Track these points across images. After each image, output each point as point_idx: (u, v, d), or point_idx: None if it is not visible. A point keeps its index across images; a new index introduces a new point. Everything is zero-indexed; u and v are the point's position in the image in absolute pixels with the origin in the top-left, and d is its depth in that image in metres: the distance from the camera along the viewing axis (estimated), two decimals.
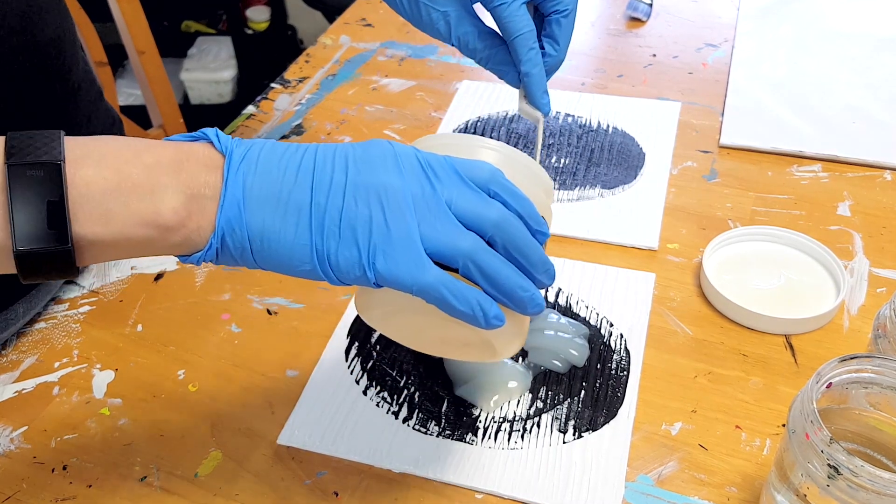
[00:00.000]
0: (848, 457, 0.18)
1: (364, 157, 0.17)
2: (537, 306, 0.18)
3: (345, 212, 0.16)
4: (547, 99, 0.25)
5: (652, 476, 0.24)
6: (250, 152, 0.17)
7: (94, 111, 0.31)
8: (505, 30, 0.24)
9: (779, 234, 0.31)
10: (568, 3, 0.25)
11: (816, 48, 0.42)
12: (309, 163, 0.17)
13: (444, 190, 0.17)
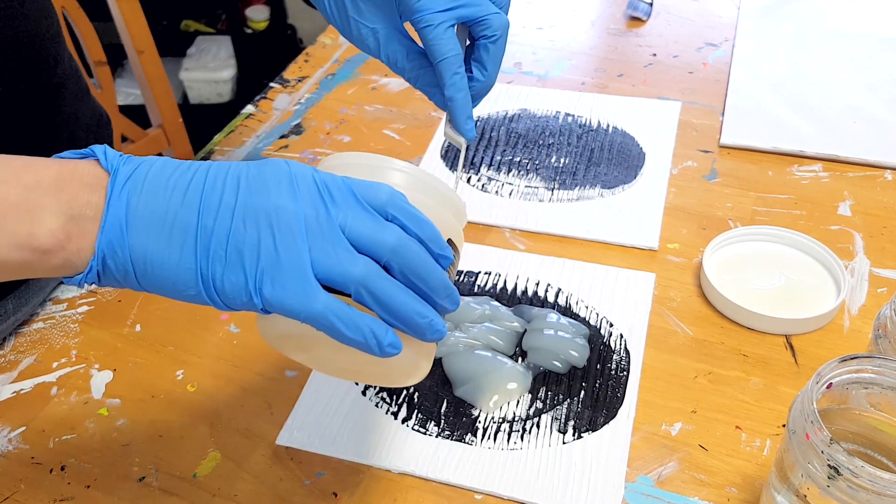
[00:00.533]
0: (848, 457, 0.18)
1: (257, 178, 0.16)
2: (437, 332, 0.17)
3: (232, 235, 0.16)
4: (471, 125, 0.24)
5: (652, 476, 0.24)
6: (138, 171, 0.17)
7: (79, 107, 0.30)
8: (431, 52, 0.23)
9: (779, 234, 0.31)
10: (497, 28, 0.24)
11: (817, 48, 0.42)
12: (199, 183, 0.16)
13: (339, 213, 0.16)
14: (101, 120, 0.33)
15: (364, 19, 0.24)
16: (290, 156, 0.38)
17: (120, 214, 0.16)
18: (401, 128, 0.40)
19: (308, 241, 0.16)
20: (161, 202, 0.16)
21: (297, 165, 0.17)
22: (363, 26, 0.25)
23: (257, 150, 0.39)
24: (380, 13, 0.24)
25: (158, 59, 0.56)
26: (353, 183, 0.17)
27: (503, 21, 0.24)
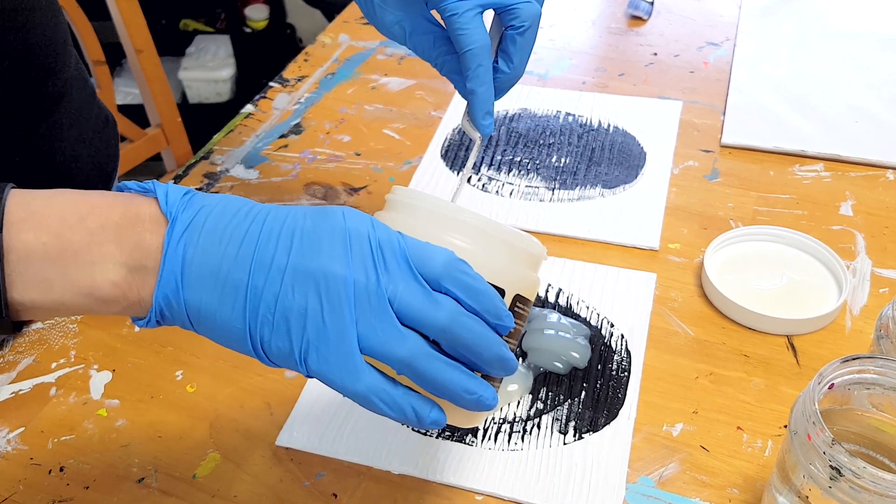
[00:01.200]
0: (850, 458, 0.18)
1: (312, 234, 0.16)
2: (486, 408, 0.17)
3: (281, 300, 0.16)
4: (489, 121, 0.23)
5: (653, 477, 0.24)
6: (196, 219, 0.17)
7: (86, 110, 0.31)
8: (456, 42, 0.23)
9: (781, 234, 0.31)
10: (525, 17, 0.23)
11: (818, 47, 0.42)
12: (254, 235, 0.16)
13: (390, 283, 0.16)
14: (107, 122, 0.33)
15: (390, 7, 0.24)
16: (290, 155, 0.38)
17: (176, 268, 0.16)
18: (401, 127, 0.40)
19: (356, 314, 0.16)
20: (215, 255, 0.16)
21: (354, 219, 0.16)
22: (389, 14, 0.24)
23: (257, 149, 0.39)
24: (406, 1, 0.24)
25: (157, 58, 0.56)
26: (410, 247, 0.16)
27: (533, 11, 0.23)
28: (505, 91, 0.24)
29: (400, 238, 0.17)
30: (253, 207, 0.17)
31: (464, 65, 0.23)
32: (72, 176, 0.29)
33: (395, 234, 0.17)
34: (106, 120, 0.33)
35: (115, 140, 0.34)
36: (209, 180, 0.37)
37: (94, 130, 0.31)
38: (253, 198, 0.39)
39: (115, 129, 0.34)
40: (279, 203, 0.35)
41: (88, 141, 0.30)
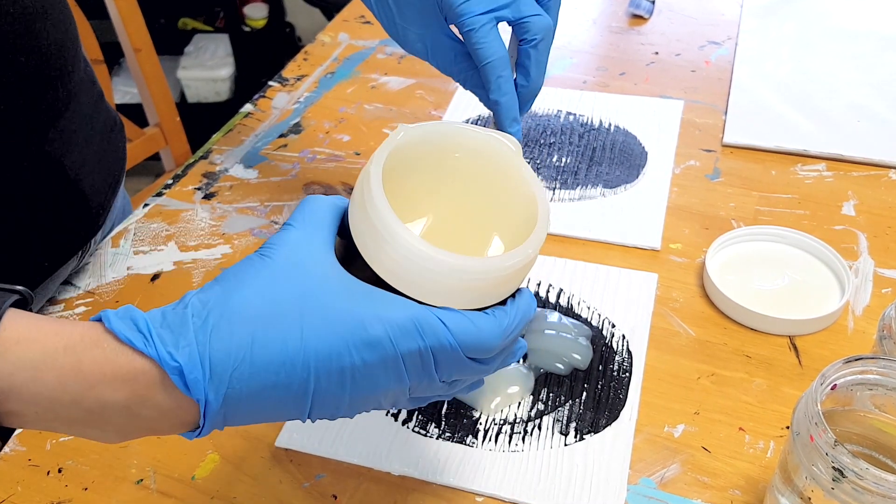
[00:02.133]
0: (853, 459, 0.18)
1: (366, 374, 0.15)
2: None
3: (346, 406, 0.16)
4: (517, 128, 0.23)
5: (654, 479, 0.24)
6: (231, 393, 0.15)
7: (94, 113, 0.30)
8: (476, 56, 0.23)
9: (783, 234, 0.31)
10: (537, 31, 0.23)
11: (821, 46, 0.42)
12: (303, 391, 0.15)
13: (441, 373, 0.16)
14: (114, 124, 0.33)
15: (411, 25, 0.24)
16: (289, 155, 0.38)
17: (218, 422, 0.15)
18: None
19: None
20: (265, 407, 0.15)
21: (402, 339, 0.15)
22: (410, 32, 0.24)
23: (256, 149, 0.39)
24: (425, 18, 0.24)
25: (156, 57, 0.56)
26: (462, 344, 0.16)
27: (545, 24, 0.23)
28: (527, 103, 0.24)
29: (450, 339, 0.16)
30: (286, 350, 0.15)
31: (485, 77, 0.23)
32: (79, 181, 0.29)
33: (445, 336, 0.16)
34: (114, 123, 0.33)
35: (123, 144, 0.33)
36: (208, 180, 0.37)
37: (101, 134, 0.31)
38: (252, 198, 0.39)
39: (123, 132, 0.34)
40: (278, 203, 0.35)
41: (97, 145, 0.30)
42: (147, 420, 0.15)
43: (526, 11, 0.23)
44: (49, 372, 0.15)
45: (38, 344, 0.15)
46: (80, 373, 0.15)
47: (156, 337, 0.15)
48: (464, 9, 0.22)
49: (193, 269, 0.32)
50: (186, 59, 0.96)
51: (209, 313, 0.15)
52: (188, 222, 0.34)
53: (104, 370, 0.15)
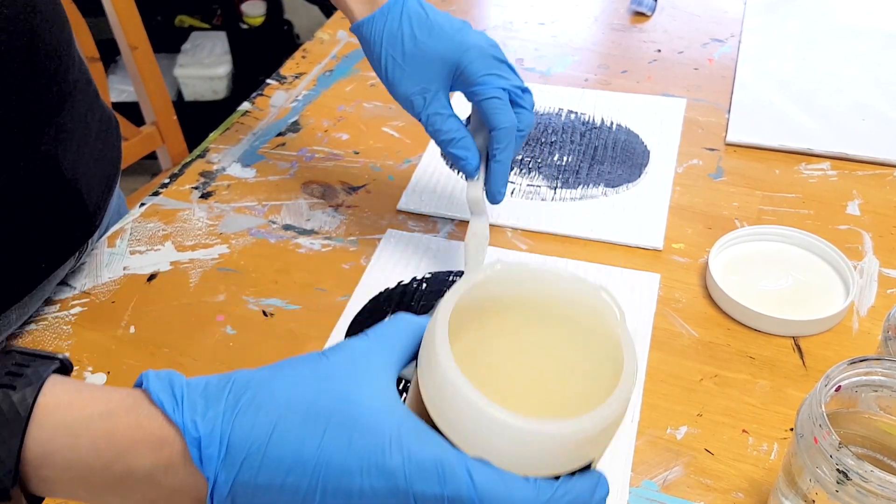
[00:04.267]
0: (857, 462, 0.18)
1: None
2: None
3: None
4: (504, 191, 0.26)
5: (657, 481, 0.23)
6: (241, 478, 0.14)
7: (89, 112, 0.30)
8: (491, 119, 0.25)
9: (786, 234, 0.31)
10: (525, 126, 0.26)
11: (825, 44, 0.42)
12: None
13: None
14: (110, 123, 0.32)
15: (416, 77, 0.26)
16: (287, 154, 0.38)
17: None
18: (400, 125, 0.39)
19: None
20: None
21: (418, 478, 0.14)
22: (414, 83, 0.26)
23: (253, 147, 0.38)
24: (433, 75, 0.26)
25: (152, 55, 0.56)
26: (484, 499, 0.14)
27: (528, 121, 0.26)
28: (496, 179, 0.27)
29: (473, 495, 0.14)
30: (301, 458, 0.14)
31: (495, 139, 0.25)
32: (76, 181, 0.29)
33: (468, 490, 0.14)
34: (109, 121, 0.32)
35: (118, 142, 0.33)
36: (205, 179, 0.36)
37: (97, 133, 0.31)
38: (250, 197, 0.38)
39: (118, 130, 0.33)
40: (276, 202, 0.35)
41: (92, 144, 0.30)
42: (168, 491, 0.15)
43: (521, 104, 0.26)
44: (85, 437, 0.15)
45: (77, 409, 0.15)
46: (114, 437, 0.15)
47: (187, 403, 0.15)
48: (487, 79, 0.25)
49: (191, 269, 0.32)
50: (183, 56, 0.96)
51: (245, 391, 0.15)
52: (185, 222, 0.34)
53: (135, 435, 0.15)
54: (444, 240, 0.32)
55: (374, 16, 0.26)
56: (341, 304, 0.30)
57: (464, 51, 0.25)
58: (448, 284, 0.30)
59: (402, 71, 0.26)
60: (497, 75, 0.26)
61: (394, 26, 0.26)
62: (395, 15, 0.26)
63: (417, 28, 0.26)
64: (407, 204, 0.34)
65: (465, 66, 0.25)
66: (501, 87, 0.25)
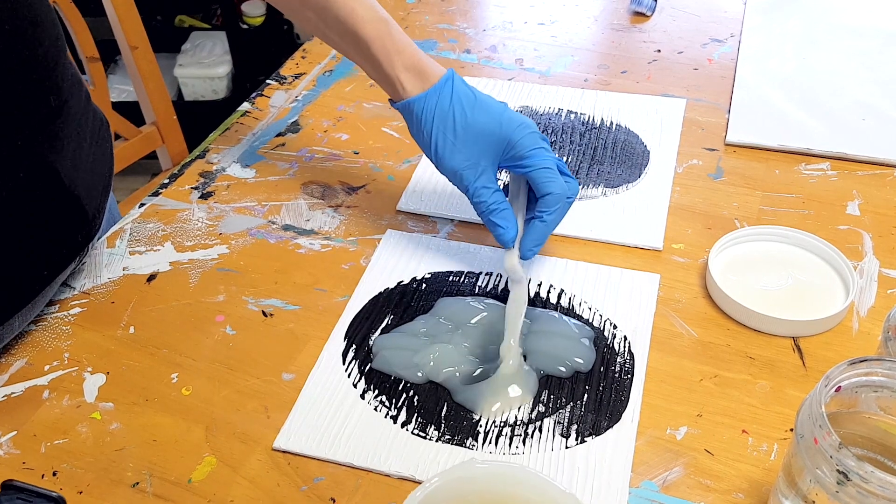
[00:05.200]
0: (857, 462, 0.18)
1: None
2: None
3: None
4: (538, 249, 0.28)
5: (657, 482, 0.23)
6: None
7: (83, 116, 0.30)
8: (542, 187, 0.27)
9: (786, 234, 0.31)
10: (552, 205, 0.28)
11: (825, 43, 0.42)
12: None
13: None
14: (101, 125, 0.33)
15: (466, 149, 0.28)
16: (287, 154, 0.38)
17: None
18: (400, 125, 0.39)
19: None
20: None
21: None
22: (462, 154, 0.28)
23: (253, 148, 0.38)
24: (482, 151, 0.28)
25: (152, 55, 0.55)
26: None
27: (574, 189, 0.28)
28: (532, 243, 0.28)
29: None
30: None
31: (545, 203, 0.28)
32: (74, 187, 0.29)
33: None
34: (101, 124, 0.33)
35: (110, 144, 0.33)
36: (205, 179, 0.37)
37: (91, 137, 0.31)
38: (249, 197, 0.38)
39: (108, 131, 0.34)
40: (276, 202, 0.35)
41: (87, 148, 0.30)
42: None
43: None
44: None
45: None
46: None
47: None
48: (538, 153, 0.27)
49: (190, 269, 0.32)
50: (183, 56, 0.96)
51: None
52: (185, 222, 0.34)
53: None
54: (443, 240, 0.32)
55: (427, 94, 0.28)
56: (341, 304, 0.30)
57: (514, 128, 0.28)
58: (448, 284, 0.30)
59: (452, 147, 0.28)
60: (545, 149, 0.28)
61: (445, 104, 0.28)
62: (446, 94, 0.28)
63: (468, 107, 0.28)
64: (407, 204, 0.34)
65: (517, 141, 0.27)
66: (551, 159, 0.28)
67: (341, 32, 0.29)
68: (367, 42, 0.28)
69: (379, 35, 0.28)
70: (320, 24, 0.29)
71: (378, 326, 0.28)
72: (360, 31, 0.28)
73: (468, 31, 0.46)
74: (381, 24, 0.28)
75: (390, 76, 0.28)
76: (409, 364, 0.27)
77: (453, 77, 0.28)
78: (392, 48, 0.28)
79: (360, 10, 0.28)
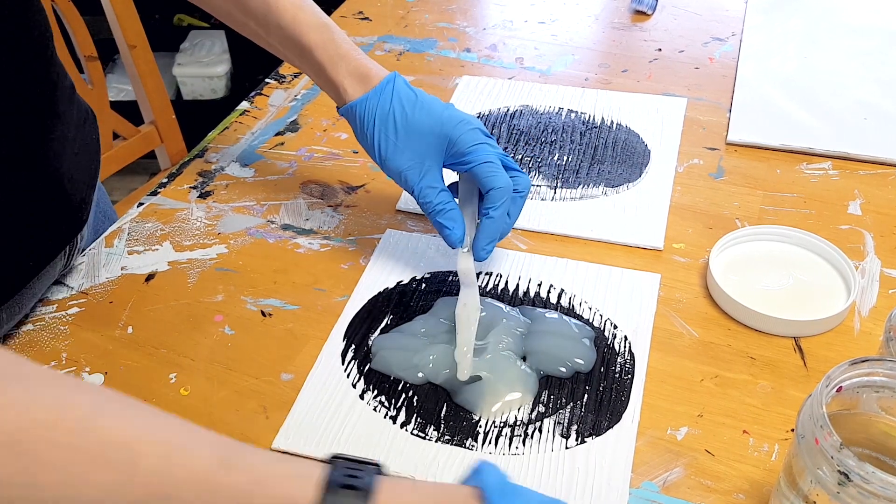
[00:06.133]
0: (858, 463, 0.17)
1: None
2: None
3: None
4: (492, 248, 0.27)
5: (657, 482, 0.23)
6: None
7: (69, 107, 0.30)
8: (485, 182, 0.27)
9: (788, 234, 0.31)
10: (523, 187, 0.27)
11: (827, 42, 0.42)
12: None
13: None
14: (87, 116, 0.32)
15: (409, 150, 0.27)
16: (286, 153, 0.37)
17: None
18: None
19: None
20: None
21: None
22: (406, 156, 0.27)
23: (252, 147, 0.38)
24: (425, 150, 0.27)
25: (151, 54, 0.55)
26: None
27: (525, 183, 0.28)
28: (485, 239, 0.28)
29: None
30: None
31: (490, 199, 0.27)
32: (60, 177, 0.29)
33: None
34: (86, 115, 0.32)
35: (96, 135, 0.33)
36: (204, 178, 0.36)
37: (77, 127, 0.30)
38: (248, 197, 0.38)
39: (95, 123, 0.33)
40: (275, 202, 0.35)
41: (72, 138, 0.30)
42: None
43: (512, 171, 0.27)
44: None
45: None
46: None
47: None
48: (479, 148, 0.27)
49: (189, 269, 0.32)
50: (182, 55, 0.95)
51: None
52: (183, 221, 0.34)
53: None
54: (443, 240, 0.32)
55: (368, 96, 0.27)
56: (340, 304, 0.29)
57: (454, 125, 0.27)
58: (447, 284, 0.30)
59: (394, 147, 0.27)
60: (487, 144, 0.27)
61: (385, 105, 0.27)
62: (386, 95, 0.27)
63: (408, 106, 0.27)
64: (406, 204, 0.34)
65: (457, 138, 0.27)
66: (493, 153, 0.27)
67: (283, 39, 0.28)
68: (311, 48, 0.28)
69: (322, 41, 0.28)
70: (261, 32, 0.29)
71: (377, 326, 0.28)
72: (304, 38, 0.28)
73: (468, 30, 0.46)
74: (325, 29, 0.28)
75: (334, 81, 0.28)
76: (409, 365, 0.26)
77: (395, 78, 0.28)
78: (335, 53, 0.28)
79: (301, 16, 0.28)
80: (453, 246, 0.27)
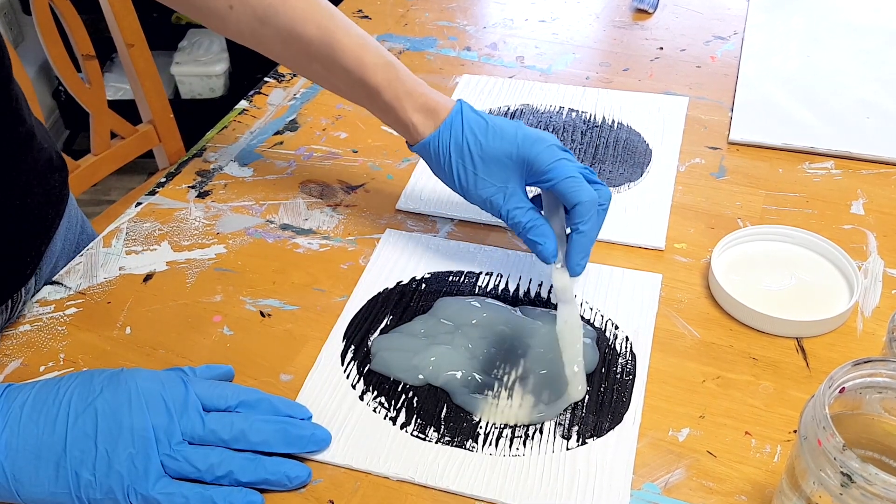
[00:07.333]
0: (861, 464, 0.17)
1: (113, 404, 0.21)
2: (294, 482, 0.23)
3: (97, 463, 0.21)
4: (586, 262, 0.27)
5: (658, 484, 0.23)
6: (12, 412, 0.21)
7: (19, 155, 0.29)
8: (569, 198, 0.27)
9: (790, 234, 0.30)
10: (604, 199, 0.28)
11: (829, 41, 0.42)
12: (63, 418, 0.21)
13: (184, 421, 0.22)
14: (50, 164, 0.31)
15: (492, 177, 0.28)
16: (285, 153, 0.37)
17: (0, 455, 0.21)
18: None
19: (159, 450, 0.21)
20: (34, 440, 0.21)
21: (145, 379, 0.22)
22: (490, 184, 0.28)
23: (251, 146, 0.38)
24: (505, 174, 0.28)
25: (149, 52, 0.55)
26: (199, 393, 0.23)
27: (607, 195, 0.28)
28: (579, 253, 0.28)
29: (186, 392, 0.22)
30: (60, 392, 0.22)
31: (577, 214, 0.27)
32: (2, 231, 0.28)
33: (181, 390, 0.22)
34: (49, 162, 0.31)
35: (61, 183, 0.32)
36: (202, 178, 0.36)
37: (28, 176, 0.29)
38: (247, 196, 0.38)
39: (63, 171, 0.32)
40: (273, 201, 0.35)
41: (22, 188, 0.29)
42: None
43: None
44: None
45: None
46: None
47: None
48: (559, 164, 0.27)
49: (187, 269, 0.31)
50: (180, 54, 0.95)
51: None
52: (182, 221, 0.34)
53: None
54: (443, 240, 0.32)
55: (439, 131, 0.28)
56: (340, 304, 0.29)
57: (529, 145, 0.27)
58: (447, 284, 0.30)
59: (475, 177, 0.28)
60: (566, 160, 0.27)
61: (458, 137, 0.28)
62: (457, 127, 0.28)
63: (481, 134, 0.28)
64: (406, 203, 0.34)
65: (535, 157, 0.27)
66: (574, 167, 0.27)
67: (350, 83, 0.29)
68: (378, 90, 0.28)
69: (388, 81, 0.28)
70: (328, 76, 0.29)
71: (377, 327, 0.28)
72: (370, 80, 0.28)
73: (468, 29, 0.46)
74: (390, 69, 0.28)
75: (403, 120, 0.28)
76: (409, 366, 0.26)
77: (462, 108, 0.28)
78: (402, 92, 0.28)
79: (367, 58, 0.28)
80: (547, 261, 0.27)
